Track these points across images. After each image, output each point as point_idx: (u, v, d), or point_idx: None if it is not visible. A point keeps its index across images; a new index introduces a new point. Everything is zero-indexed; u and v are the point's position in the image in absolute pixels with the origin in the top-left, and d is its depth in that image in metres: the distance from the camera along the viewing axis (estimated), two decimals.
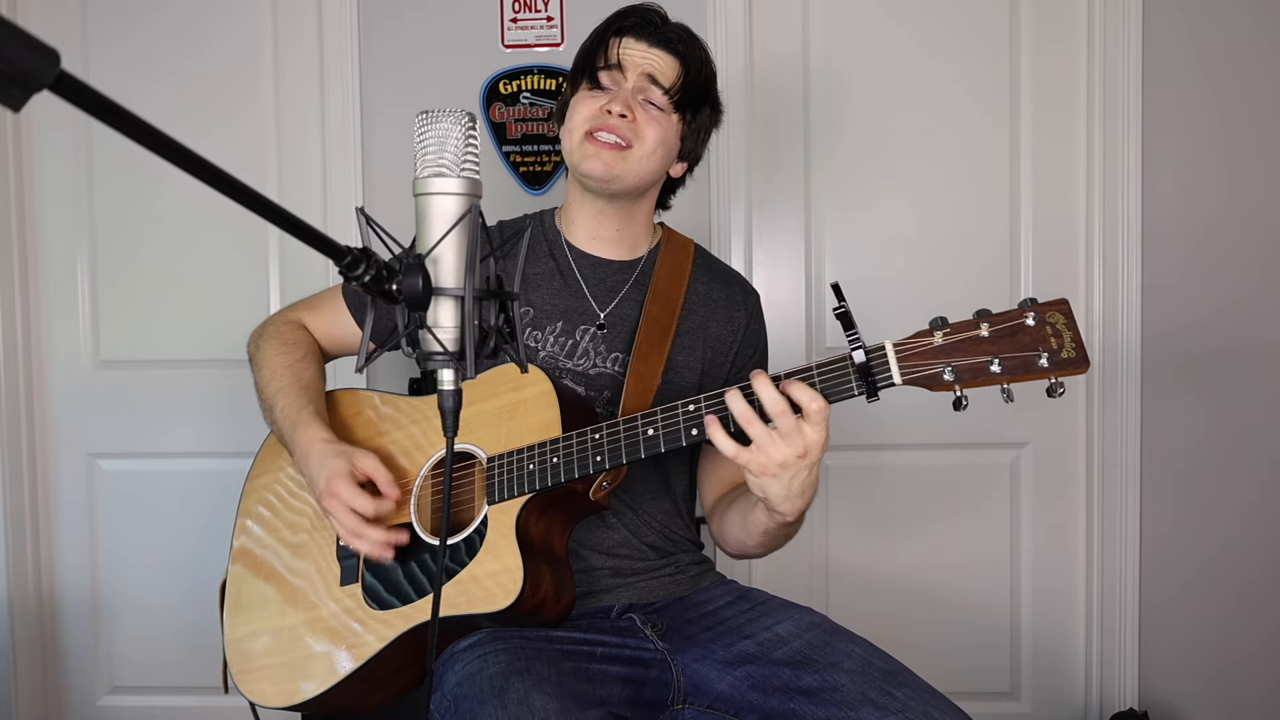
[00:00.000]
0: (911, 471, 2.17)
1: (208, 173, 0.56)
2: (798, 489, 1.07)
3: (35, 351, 2.25)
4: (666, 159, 1.35)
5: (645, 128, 1.30)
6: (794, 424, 1.02)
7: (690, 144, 1.38)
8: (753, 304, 1.45)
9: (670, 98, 1.31)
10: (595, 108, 1.30)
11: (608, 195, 1.34)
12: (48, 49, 0.45)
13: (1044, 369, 0.97)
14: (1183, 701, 2.14)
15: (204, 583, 2.05)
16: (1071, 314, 0.99)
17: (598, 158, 1.29)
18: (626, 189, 1.33)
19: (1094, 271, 2.11)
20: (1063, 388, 0.98)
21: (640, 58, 1.31)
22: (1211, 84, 2.07)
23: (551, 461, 1.15)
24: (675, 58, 1.32)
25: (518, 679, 1.07)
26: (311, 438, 1.27)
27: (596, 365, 1.34)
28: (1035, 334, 0.98)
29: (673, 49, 1.32)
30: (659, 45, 1.32)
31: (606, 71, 1.32)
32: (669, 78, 1.31)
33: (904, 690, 1.09)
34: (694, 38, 1.36)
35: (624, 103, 1.29)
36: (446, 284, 0.78)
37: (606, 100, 1.30)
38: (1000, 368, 0.98)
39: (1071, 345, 0.97)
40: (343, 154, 2.16)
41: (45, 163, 2.23)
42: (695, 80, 1.33)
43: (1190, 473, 2.11)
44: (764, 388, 1.02)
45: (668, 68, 1.32)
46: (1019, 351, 0.98)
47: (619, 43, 1.32)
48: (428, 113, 0.80)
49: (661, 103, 1.32)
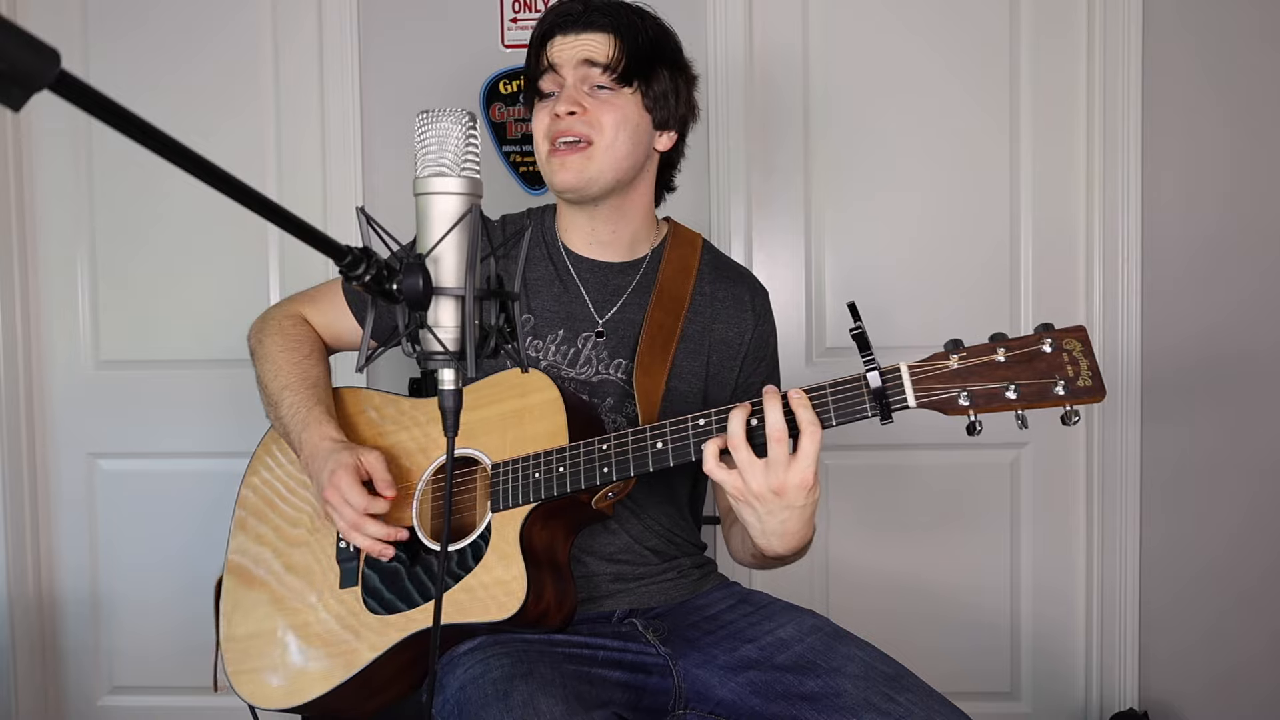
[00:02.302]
0: (912, 471, 2.17)
1: (208, 173, 0.56)
2: (774, 527, 1.06)
3: (35, 351, 2.25)
4: (636, 138, 1.28)
5: (599, 115, 1.25)
6: (783, 458, 1.01)
7: (662, 110, 1.31)
8: (760, 304, 1.42)
9: (613, 73, 1.26)
10: (547, 118, 1.27)
11: (590, 200, 1.30)
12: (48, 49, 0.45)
13: (1060, 397, 0.96)
14: (1183, 702, 2.14)
15: (203, 582, 2.04)
16: (1089, 341, 0.98)
17: (564, 168, 1.26)
18: (605, 187, 1.28)
19: (1094, 273, 2.10)
20: (1078, 415, 0.97)
21: (570, 50, 1.27)
22: (1212, 84, 2.07)
23: (558, 471, 1.14)
24: (605, 33, 1.26)
25: (522, 682, 1.07)
26: (322, 435, 1.26)
27: (599, 372, 1.32)
28: (1052, 361, 0.97)
29: (600, 26, 1.27)
30: (586, 30, 1.27)
31: (545, 77, 1.29)
32: (605, 54, 1.26)
33: (907, 695, 1.08)
34: (623, 6, 1.30)
35: (569, 100, 1.25)
36: (447, 284, 0.78)
37: (554, 104, 1.26)
38: (1016, 394, 0.98)
39: (1088, 373, 0.96)
40: (343, 154, 2.16)
41: (45, 163, 2.23)
42: (635, 46, 1.26)
43: (1190, 474, 2.11)
44: (772, 409, 1.02)
45: (601, 46, 1.26)
46: (1035, 378, 0.97)
47: (549, 45, 1.28)
48: (428, 112, 0.80)
49: (607, 82, 1.26)
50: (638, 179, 1.33)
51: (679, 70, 1.33)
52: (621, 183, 1.30)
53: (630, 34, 1.27)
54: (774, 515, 1.04)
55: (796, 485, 1.01)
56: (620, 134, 1.26)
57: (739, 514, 1.07)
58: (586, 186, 1.27)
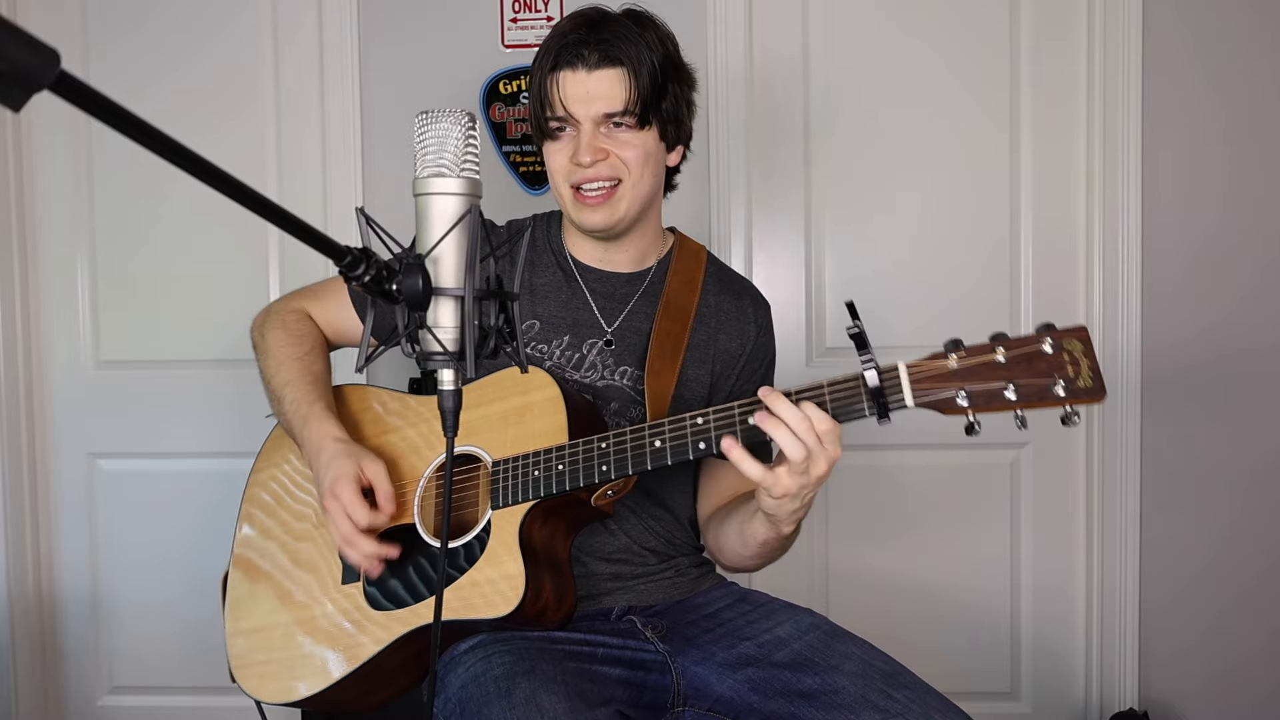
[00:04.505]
0: (912, 471, 2.17)
1: (208, 173, 0.56)
2: (805, 500, 1.08)
3: (35, 351, 2.25)
4: (658, 169, 1.30)
5: (622, 155, 1.25)
6: (818, 443, 1.01)
7: (673, 132, 1.31)
8: (762, 317, 1.43)
9: (633, 116, 1.24)
10: (566, 160, 1.26)
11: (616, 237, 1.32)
12: (48, 49, 0.45)
13: (1060, 397, 0.96)
14: (1183, 702, 2.14)
15: (204, 582, 2.05)
16: (1090, 341, 0.97)
17: (594, 212, 1.26)
18: (632, 221, 1.30)
19: (1094, 273, 2.10)
20: (1078, 416, 0.96)
21: (584, 94, 1.22)
22: (1211, 84, 2.07)
23: (557, 469, 1.15)
24: (617, 68, 1.22)
25: (523, 679, 1.07)
26: (324, 434, 1.26)
27: (605, 378, 1.33)
28: (1052, 361, 0.96)
29: (612, 61, 1.22)
30: (597, 67, 1.22)
31: (559, 123, 1.26)
32: (620, 99, 1.22)
33: (905, 692, 1.08)
34: (627, 27, 1.24)
35: (590, 150, 1.23)
36: (446, 284, 0.78)
37: (572, 150, 1.24)
38: (1015, 394, 0.97)
39: (1089, 374, 0.95)
40: (343, 154, 2.16)
41: (45, 163, 2.23)
42: (649, 83, 1.23)
43: (1190, 474, 2.11)
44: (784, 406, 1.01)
45: (615, 89, 1.22)
46: (1035, 378, 0.96)
47: (558, 87, 1.24)
48: (428, 113, 0.80)
49: (627, 122, 1.25)
50: (654, 199, 1.35)
51: (682, 80, 1.31)
52: (645, 212, 1.32)
53: (644, 69, 1.23)
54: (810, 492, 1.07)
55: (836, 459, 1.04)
56: (645, 169, 1.27)
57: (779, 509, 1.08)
58: (616, 226, 1.29)
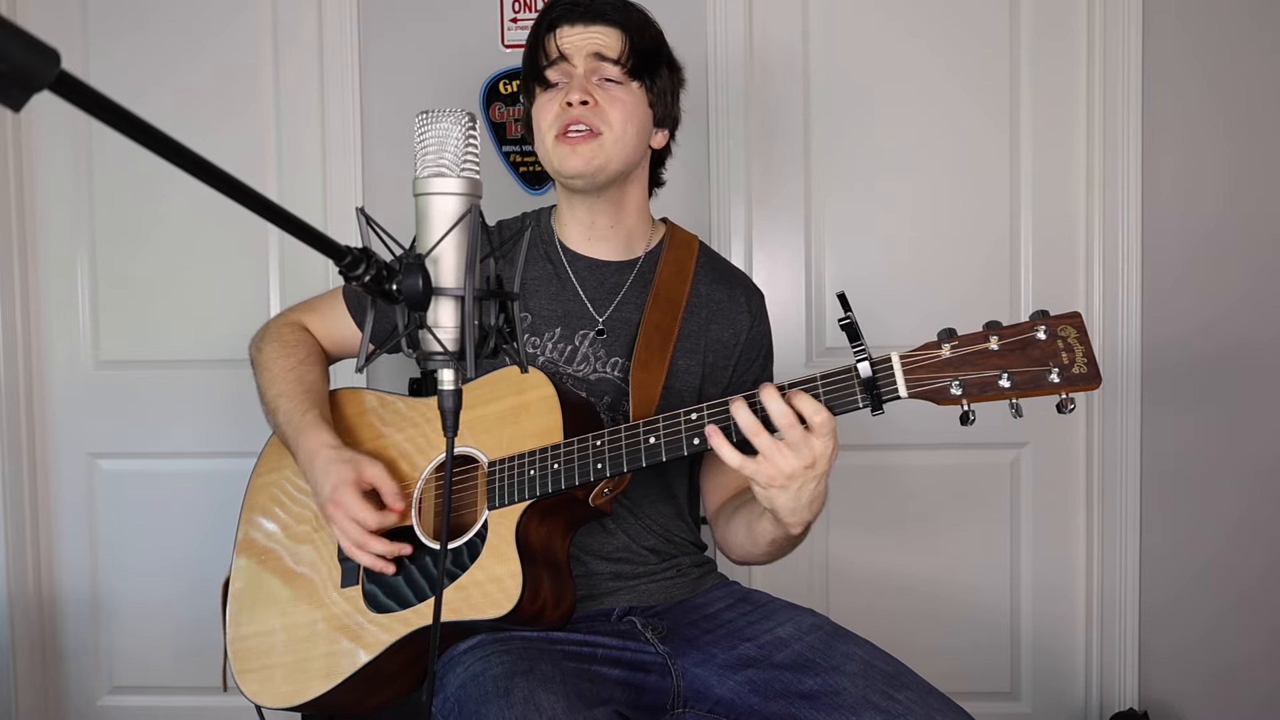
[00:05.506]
0: (912, 471, 2.17)
1: (208, 173, 0.56)
2: (806, 500, 1.06)
3: (35, 351, 2.25)
4: (642, 133, 1.32)
5: (610, 109, 1.27)
6: (801, 435, 1.00)
7: (660, 108, 1.34)
8: (756, 305, 1.42)
9: (624, 68, 1.28)
10: (556, 107, 1.28)
11: (595, 189, 1.32)
12: (48, 49, 0.45)
13: (1054, 385, 0.95)
14: (1183, 702, 2.14)
15: (204, 583, 2.05)
16: (1084, 327, 0.96)
17: (575, 154, 1.27)
18: (611, 176, 1.30)
19: (1094, 271, 2.11)
20: (1073, 404, 0.95)
21: (581, 40, 1.28)
22: (1210, 83, 2.07)
23: (552, 468, 1.15)
24: (615, 28, 1.29)
25: (522, 679, 1.07)
26: (317, 443, 1.26)
27: (597, 370, 1.33)
28: (1046, 348, 0.95)
29: (610, 20, 1.29)
30: (595, 21, 1.29)
31: (554, 67, 1.30)
32: (616, 49, 1.28)
33: (906, 693, 1.08)
34: (627, 3, 1.33)
35: (581, 89, 1.26)
36: (446, 284, 0.78)
37: (564, 94, 1.27)
38: (1009, 382, 0.96)
39: (1084, 360, 0.94)
40: (343, 154, 2.16)
41: (45, 163, 2.23)
42: (643, 42, 1.30)
43: (1190, 473, 2.11)
44: (771, 399, 1.01)
45: (611, 40, 1.28)
46: (1029, 366, 0.95)
47: (555, 34, 1.30)
48: (428, 113, 0.80)
49: (617, 75, 1.29)
50: (636, 172, 1.36)
51: (674, 70, 1.37)
52: (624, 174, 1.33)
53: (638, 31, 1.30)
54: (805, 488, 1.04)
55: (823, 453, 1.01)
56: (629, 126, 1.29)
57: (770, 502, 1.06)
58: (595, 173, 1.28)
